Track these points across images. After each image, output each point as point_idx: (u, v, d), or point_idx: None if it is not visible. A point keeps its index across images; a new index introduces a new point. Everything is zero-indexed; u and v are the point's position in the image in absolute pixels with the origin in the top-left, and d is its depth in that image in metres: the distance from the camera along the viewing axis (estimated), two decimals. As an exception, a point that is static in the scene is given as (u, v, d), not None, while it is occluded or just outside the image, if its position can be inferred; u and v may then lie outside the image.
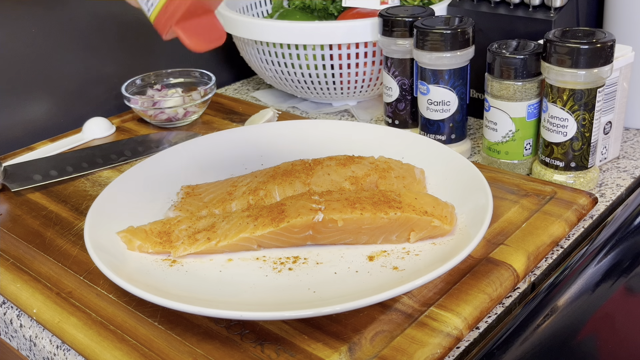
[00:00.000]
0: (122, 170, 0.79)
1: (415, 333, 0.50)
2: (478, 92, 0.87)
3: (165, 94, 0.92)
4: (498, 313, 0.55)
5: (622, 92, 0.73)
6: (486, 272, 0.56)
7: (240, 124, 0.89)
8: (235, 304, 0.51)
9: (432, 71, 0.75)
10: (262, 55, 0.91)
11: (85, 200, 0.73)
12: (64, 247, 0.65)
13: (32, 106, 0.89)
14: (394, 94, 0.82)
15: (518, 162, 0.74)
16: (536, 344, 0.52)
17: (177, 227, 0.60)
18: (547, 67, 0.67)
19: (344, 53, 0.87)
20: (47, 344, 0.56)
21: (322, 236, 0.58)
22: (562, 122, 0.68)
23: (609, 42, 0.65)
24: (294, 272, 0.56)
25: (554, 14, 0.78)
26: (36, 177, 0.76)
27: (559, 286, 0.56)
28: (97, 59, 0.95)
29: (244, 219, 0.59)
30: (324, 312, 0.48)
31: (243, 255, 0.59)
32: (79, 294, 0.58)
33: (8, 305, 0.60)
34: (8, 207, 0.72)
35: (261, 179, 0.67)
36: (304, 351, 0.50)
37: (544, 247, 0.60)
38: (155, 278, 0.55)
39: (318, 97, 0.95)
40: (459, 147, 0.78)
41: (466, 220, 0.59)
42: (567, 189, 0.67)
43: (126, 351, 0.51)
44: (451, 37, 0.72)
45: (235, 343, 0.51)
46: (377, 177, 0.66)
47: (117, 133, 0.90)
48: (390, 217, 0.57)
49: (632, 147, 0.80)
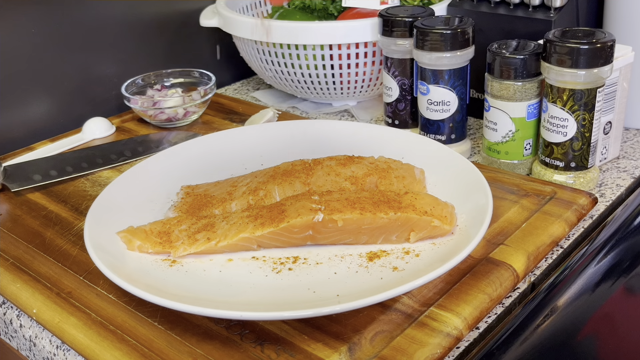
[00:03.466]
0: (122, 170, 0.79)
1: (415, 333, 0.50)
2: (478, 92, 0.87)
3: (165, 94, 0.92)
4: (498, 313, 0.55)
5: (622, 92, 0.73)
6: (486, 272, 0.56)
7: (240, 124, 0.89)
8: (235, 304, 0.51)
9: (432, 71, 0.75)
10: (262, 55, 0.91)
11: (85, 200, 0.73)
12: (63, 247, 0.65)
13: (32, 106, 0.89)
14: (394, 94, 0.82)
15: (518, 162, 0.74)
16: (536, 344, 0.52)
17: (177, 227, 0.60)
18: (547, 67, 0.67)
19: (344, 53, 0.87)
20: (47, 344, 0.56)
21: (322, 236, 0.58)
22: (562, 122, 0.68)
23: (609, 42, 0.65)
24: (294, 272, 0.56)
25: (554, 14, 0.78)
26: (36, 177, 0.76)
27: (559, 286, 0.56)
28: (97, 59, 0.95)
29: (243, 219, 0.59)
30: (324, 312, 0.48)
31: (243, 255, 0.59)
32: (78, 294, 0.58)
33: (8, 305, 0.60)
34: (8, 207, 0.72)
35: (261, 179, 0.67)
36: (304, 351, 0.50)
37: (544, 247, 0.60)
38: (155, 278, 0.55)
39: (318, 97, 0.95)
40: (459, 147, 0.78)
41: (466, 220, 0.59)
42: (567, 189, 0.67)
43: (126, 351, 0.51)
44: (451, 37, 0.72)
45: (235, 343, 0.51)
46: (377, 177, 0.66)
47: (117, 133, 0.90)
48: (390, 217, 0.57)
49: (632, 147, 0.80)
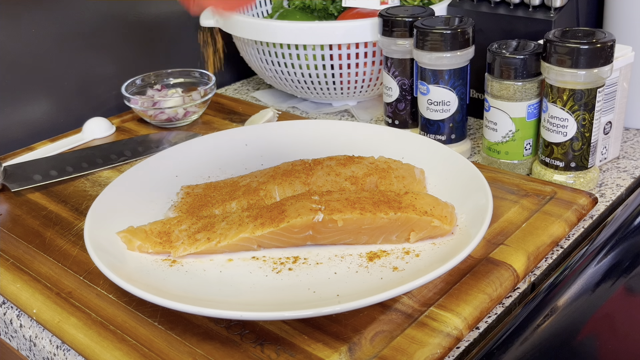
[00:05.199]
0: (122, 170, 0.79)
1: (415, 333, 0.50)
2: (478, 92, 0.87)
3: (165, 94, 0.92)
4: (498, 313, 0.55)
5: (622, 92, 0.73)
6: (486, 272, 0.56)
7: (240, 124, 0.89)
8: (235, 304, 0.51)
9: (432, 71, 0.75)
10: (262, 55, 0.91)
11: (85, 200, 0.73)
12: (64, 247, 0.65)
13: (32, 106, 0.89)
14: (394, 94, 0.82)
15: (518, 162, 0.74)
16: (536, 344, 0.52)
17: (177, 227, 0.60)
18: (547, 67, 0.67)
19: (344, 53, 0.87)
20: (47, 344, 0.56)
21: (322, 236, 0.58)
22: (562, 122, 0.68)
23: (609, 42, 0.65)
24: (294, 272, 0.56)
25: (554, 14, 0.78)
26: (36, 177, 0.76)
27: (559, 286, 0.56)
28: (97, 59, 0.95)
29: (244, 219, 0.59)
30: (324, 312, 0.48)
31: (243, 255, 0.59)
32: (79, 294, 0.58)
33: (8, 305, 0.60)
34: (8, 207, 0.72)
35: (261, 179, 0.67)
36: (304, 351, 0.49)
37: (544, 247, 0.60)
38: (155, 278, 0.55)
39: (318, 97, 0.95)
40: (459, 147, 0.78)
41: (466, 220, 0.59)
42: (567, 189, 0.67)
43: (126, 351, 0.51)
44: (451, 37, 0.72)
45: (235, 343, 0.51)
46: (377, 177, 0.66)
47: (117, 133, 0.90)
48: (390, 217, 0.57)
49: (632, 147, 0.80)
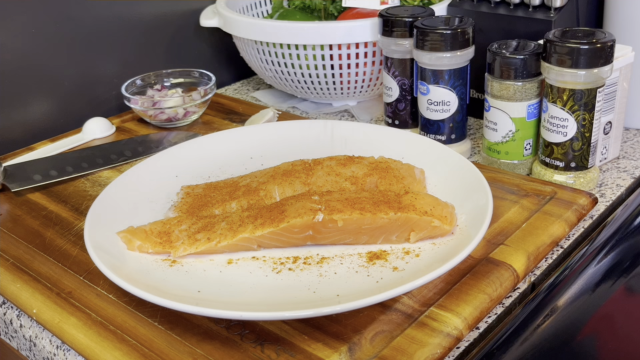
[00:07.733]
0: (122, 170, 0.79)
1: (415, 333, 0.50)
2: (478, 92, 0.87)
3: (165, 94, 0.92)
4: (498, 313, 0.55)
5: (622, 92, 0.73)
6: (486, 272, 0.56)
7: (240, 124, 0.89)
8: (235, 304, 0.51)
9: (432, 71, 0.75)
10: (262, 55, 0.91)
11: (85, 200, 0.73)
12: (64, 247, 0.65)
13: (32, 106, 0.89)
14: (394, 94, 0.82)
15: (518, 162, 0.74)
16: (536, 344, 0.52)
17: (177, 227, 0.60)
18: (547, 67, 0.67)
19: (344, 53, 0.87)
20: (47, 344, 0.56)
21: (322, 236, 0.58)
22: (562, 122, 0.68)
23: (609, 42, 0.65)
24: (294, 272, 0.56)
25: (554, 14, 0.78)
26: (36, 177, 0.76)
27: (559, 286, 0.56)
28: (97, 59, 0.95)
29: (244, 219, 0.59)
30: (324, 312, 0.48)
31: (243, 255, 0.59)
32: (79, 294, 0.58)
33: (8, 305, 0.60)
34: (8, 207, 0.72)
35: (261, 179, 0.67)
36: (304, 351, 0.50)
37: (544, 247, 0.60)
38: (155, 278, 0.55)
39: (318, 97, 0.95)
40: (459, 147, 0.78)
41: (466, 220, 0.59)
42: (567, 189, 0.67)
43: (126, 351, 0.51)
44: (451, 37, 0.72)
45: (235, 343, 0.51)
46: (377, 177, 0.66)
47: (117, 133, 0.90)
48: (390, 217, 0.57)
49: (632, 147, 0.80)
